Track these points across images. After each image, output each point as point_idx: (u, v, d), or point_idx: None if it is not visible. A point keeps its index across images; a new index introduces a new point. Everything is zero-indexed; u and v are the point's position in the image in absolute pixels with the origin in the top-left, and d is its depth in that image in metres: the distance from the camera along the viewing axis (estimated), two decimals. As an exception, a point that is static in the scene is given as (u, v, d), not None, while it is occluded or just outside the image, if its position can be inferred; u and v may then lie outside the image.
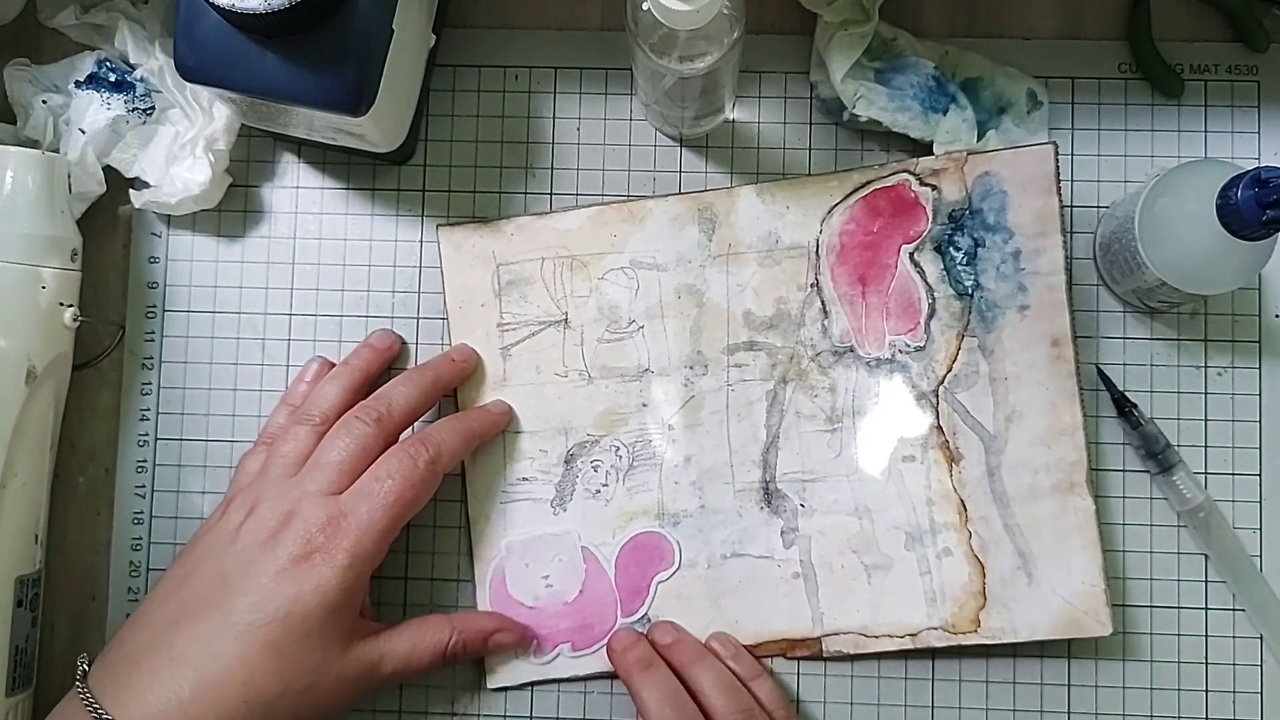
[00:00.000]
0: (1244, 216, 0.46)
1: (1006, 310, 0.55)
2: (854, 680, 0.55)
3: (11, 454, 0.52)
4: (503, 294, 0.56)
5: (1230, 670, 0.55)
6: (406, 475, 0.50)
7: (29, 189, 0.52)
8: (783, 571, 0.55)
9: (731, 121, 0.58)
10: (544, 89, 0.58)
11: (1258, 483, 0.56)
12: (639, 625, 0.55)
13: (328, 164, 0.58)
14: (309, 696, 0.48)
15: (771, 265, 0.56)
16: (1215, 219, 0.47)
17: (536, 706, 0.56)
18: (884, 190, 0.56)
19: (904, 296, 0.56)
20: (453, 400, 0.56)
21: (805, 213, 0.56)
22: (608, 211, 0.56)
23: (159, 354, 0.58)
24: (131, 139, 0.56)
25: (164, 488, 0.58)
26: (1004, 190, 0.55)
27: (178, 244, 0.58)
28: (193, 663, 0.46)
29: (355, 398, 0.53)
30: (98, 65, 0.56)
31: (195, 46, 0.48)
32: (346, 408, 0.52)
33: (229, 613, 0.47)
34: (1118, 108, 0.57)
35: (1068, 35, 0.58)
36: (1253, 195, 0.46)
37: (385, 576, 0.57)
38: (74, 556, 0.58)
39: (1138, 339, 0.56)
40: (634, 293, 0.56)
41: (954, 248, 0.55)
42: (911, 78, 0.55)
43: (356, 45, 0.47)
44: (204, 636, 0.47)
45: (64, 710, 0.48)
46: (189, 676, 0.46)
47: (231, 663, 0.46)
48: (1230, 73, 0.57)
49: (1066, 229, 0.55)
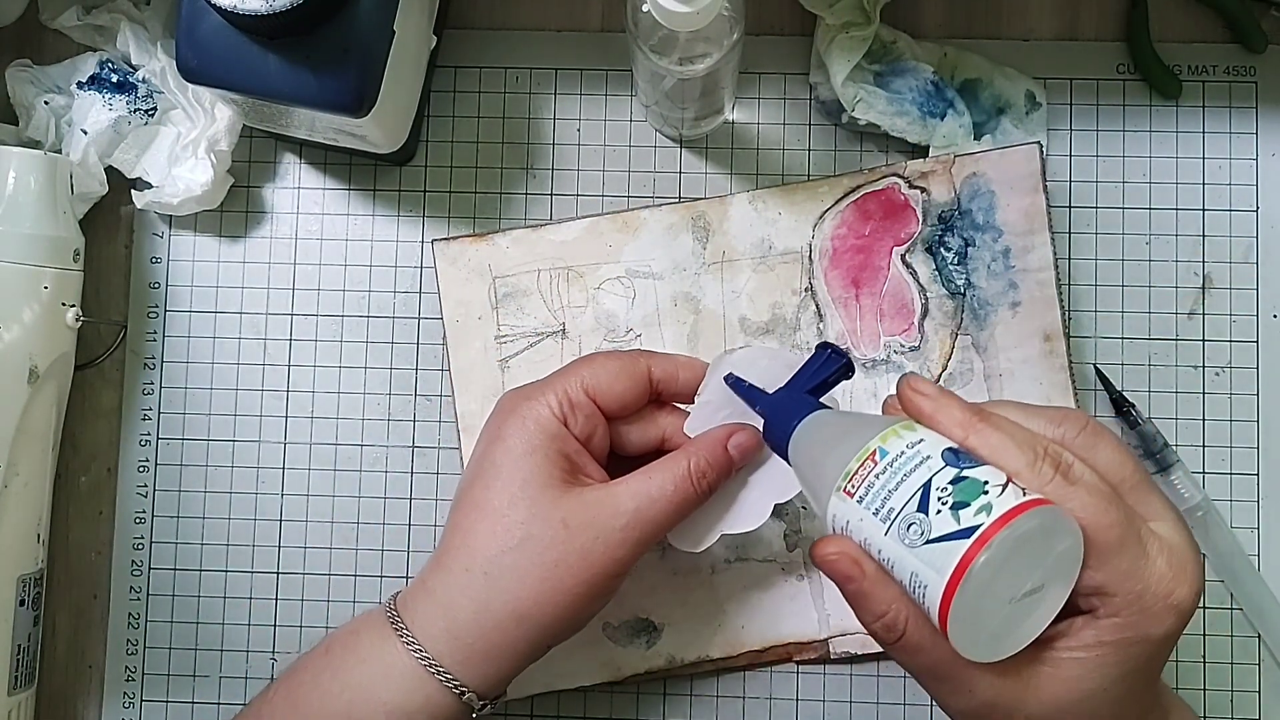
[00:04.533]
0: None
1: (998, 308, 0.55)
2: (853, 679, 0.56)
3: (14, 453, 0.53)
4: (500, 306, 0.57)
5: (1229, 669, 0.55)
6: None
7: (31, 190, 0.52)
8: (787, 575, 0.55)
9: (731, 123, 0.58)
10: (544, 90, 0.58)
11: (1256, 482, 0.56)
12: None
13: (329, 165, 0.59)
14: (530, 551, 0.45)
15: (765, 271, 0.56)
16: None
17: (537, 706, 0.56)
18: (874, 194, 0.56)
19: (897, 298, 0.56)
20: (453, 405, 0.56)
21: (797, 218, 0.56)
22: (602, 222, 0.57)
23: (161, 354, 0.58)
24: (133, 140, 0.56)
25: (165, 487, 0.58)
26: (992, 190, 0.55)
27: (179, 244, 0.58)
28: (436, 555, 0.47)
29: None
30: (100, 66, 0.56)
31: (197, 47, 0.48)
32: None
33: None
34: (1116, 109, 0.57)
35: (1066, 36, 0.58)
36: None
37: (387, 577, 0.57)
38: (76, 555, 0.58)
39: (1136, 338, 0.56)
40: (631, 302, 0.56)
41: (945, 248, 0.56)
42: (910, 81, 0.55)
43: (358, 46, 0.48)
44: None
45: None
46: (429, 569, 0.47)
47: (449, 534, 0.47)
48: (1228, 74, 0.57)
49: (1054, 226, 0.55)
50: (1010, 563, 0.36)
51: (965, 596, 0.36)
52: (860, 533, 0.39)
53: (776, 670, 0.56)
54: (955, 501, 0.37)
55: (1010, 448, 0.39)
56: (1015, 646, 0.38)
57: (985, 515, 0.36)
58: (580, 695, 0.56)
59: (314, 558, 0.57)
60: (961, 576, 0.35)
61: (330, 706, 0.46)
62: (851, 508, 0.39)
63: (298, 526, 0.57)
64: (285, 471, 0.58)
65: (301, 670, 0.47)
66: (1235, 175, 0.57)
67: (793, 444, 0.43)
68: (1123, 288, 0.57)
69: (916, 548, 0.37)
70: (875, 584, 0.39)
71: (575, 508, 0.45)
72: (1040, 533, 0.36)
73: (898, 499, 0.38)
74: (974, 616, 0.36)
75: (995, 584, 0.36)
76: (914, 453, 0.38)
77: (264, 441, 0.58)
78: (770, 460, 0.49)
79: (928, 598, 0.37)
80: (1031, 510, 0.36)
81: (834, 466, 0.40)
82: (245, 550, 0.57)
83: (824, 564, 0.40)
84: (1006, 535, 0.35)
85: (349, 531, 0.57)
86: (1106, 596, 0.38)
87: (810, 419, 0.43)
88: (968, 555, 0.35)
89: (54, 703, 0.57)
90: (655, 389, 0.49)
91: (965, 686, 0.39)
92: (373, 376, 0.58)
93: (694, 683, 0.56)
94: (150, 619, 0.57)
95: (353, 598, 0.57)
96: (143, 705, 0.57)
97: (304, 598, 0.57)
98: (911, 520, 0.37)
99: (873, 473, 0.39)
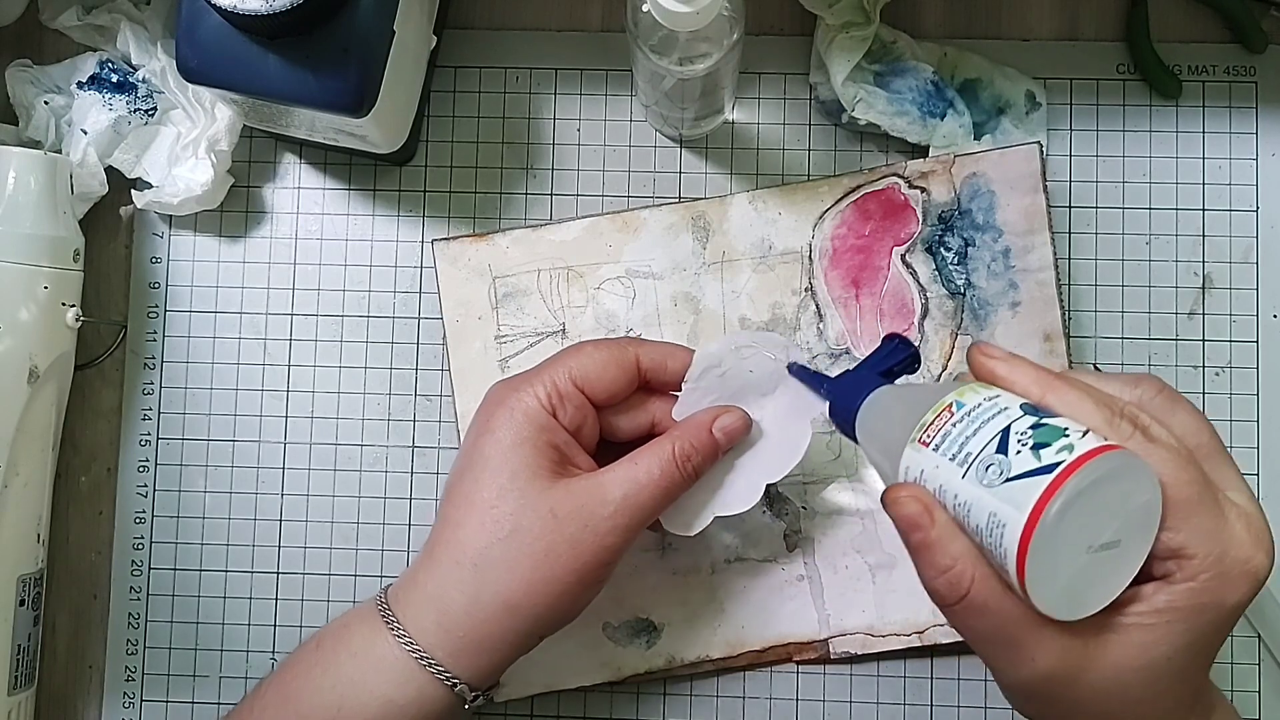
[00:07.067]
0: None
1: (998, 308, 0.55)
2: (853, 679, 0.56)
3: (14, 453, 0.53)
4: (500, 306, 0.57)
5: (1228, 669, 0.55)
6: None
7: (31, 190, 0.52)
8: (787, 575, 0.55)
9: (731, 123, 0.58)
10: (544, 90, 0.58)
11: (1255, 482, 0.56)
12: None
13: (329, 165, 0.59)
14: (519, 542, 0.45)
15: (765, 271, 0.56)
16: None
17: (537, 706, 0.56)
18: (874, 194, 0.56)
19: (897, 298, 0.56)
20: (453, 405, 0.56)
21: (797, 218, 0.56)
22: (602, 222, 0.57)
23: (161, 354, 0.58)
24: (133, 140, 0.56)
25: (166, 487, 0.58)
26: (992, 190, 0.55)
27: (179, 244, 0.58)
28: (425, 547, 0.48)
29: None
30: (100, 66, 0.56)
31: (197, 48, 0.48)
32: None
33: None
34: (1116, 109, 0.58)
35: (1066, 36, 0.58)
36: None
37: (387, 576, 0.57)
38: (76, 555, 0.58)
39: (1136, 338, 0.57)
40: (630, 302, 0.56)
41: (945, 248, 0.56)
42: (910, 81, 0.55)
43: (358, 46, 0.48)
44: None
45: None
46: (422, 562, 0.47)
47: (439, 527, 0.47)
48: (1228, 74, 0.57)
49: (1054, 226, 0.55)
50: (1091, 504, 0.35)
51: (1044, 534, 0.35)
52: (935, 480, 0.38)
53: (776, 670, 0.56)
54: (1036, 442, 0.36)
55: (1088, 405, 0.38)
56: (1088, 608, 0.36)
57: (1068, 453, 0.35)
58: (580, 695, 0.56)
59: (314, 558, 0.57)
60: (1042, 511, 0.34)
61: (322, 700, 0.46)
62: (926, 456, 0.38)
63: (298, 526, 0.57)
64: (285, 471, 0.58)
65: (293, 665, 0.47)
66: (1235, 175, 0.57)
67: (861, 416, 0.43)
68: (1123, 288, 0.57)
69: (995, 487, 0.36)
70: (944, 535, 0.38)
71: (563, 497, 0.45)
72: (1121, 476, 0.35)
73: (976, 443, 0.37)
74: (1052, 561, 0.35)
75: (1075, 525, 0.35)
76: (991, 404, 0.38)
77: (264, 441, 0.58)
78: (761, 441, 0.49)
79: (1005, 538, 0.35)
80: (1114, 452, 0.35)
81: (907, 425, 0.39)
82: (245, 550, 0.57)
83: (892, 507, 0.39)
84: (1089, 471, 0.35)
85: (349, 531, 0.57)
86: (1184, 559, 0.37)
87: (878, 392, 0.43)
88: (1050, 489, 0.35)
89: (54, 703, 0.57)
90: (644, 377, 0.49)
91: (1028, 653, 0.38)
92: (373, 376, 0.58)
93: (694, 683, 0.56)
94: (150, 619, 0.57)
95: (353, 598, 0.57)
96: (143, 705, 0.57)
97: (304, 598, 0.57)
98: (990, 461, 0.36)
99: (949, 422, 0.38)
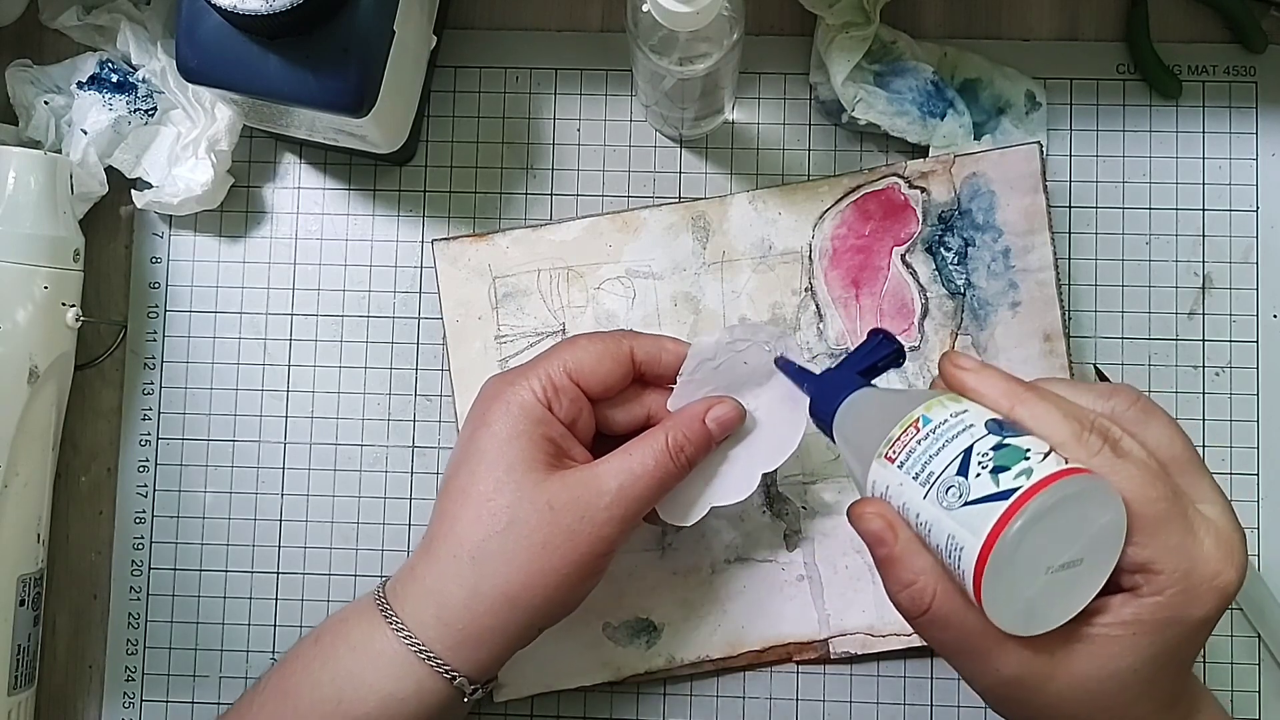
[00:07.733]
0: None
1: (998, 308, 0.55)
2: (853, 679, 0.56)
3: (14, 453, 0.53)
4: (500, 306, 0.57)
5: (1228, 669, 0.55)
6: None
7: (31, 190, 0.52)
8: (787, 575, 0.55)
9: (731, 123, 0.58)
10: (544, 90, 0.58)
11: (1255, 482, 0.56)
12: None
13: (329, 165, 0.59)
14: (516, 535, 0.45)
15: (765, 271, 0.56)
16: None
17: (537, 706, 0.56)
18: (874, 194, 0.56)
19: (897, 298, 0.56)
20: (453, 405, 0.56)
21: (797, 218, 0.56)
22: (602, 222, 0.57)
23: (161, 354, 0.58)
24: (133, 140, 0.56)
25: (166, 487, 0.58)
26: (992, 190, 0.55)
27: (179, 244, 0.58)
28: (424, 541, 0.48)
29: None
30: (100, 66, 0.56)
31: (197, 47, 0.48)
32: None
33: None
34: (1116, 109, 0.58)
35: (1066, 36, 0.58)
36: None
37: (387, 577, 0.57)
38: (76, 555, 0.58)
39: (1136, 338, 0.57)
40: (630, 301, 0.56)
41: (945, 248, 0.56)
42: (910, 81, 0.55)
43: (358, 46, 0.48)
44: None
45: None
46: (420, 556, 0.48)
47: (436, 522, 0.47)
48: (1228, 74, 0.57)
49: (1054, 226, 0.55)
50: (1047, 528, 0.35)
51: (1000, 559, 0.35)
52: (899, 497, 0.39)
53: (776, 670, 0.56)
54: (995, 465, 0.36)
55: (1056, 419, 0.38)
56: (1049, 624, 0.37)
57: (1025, 479, 0.36)
58: (580, 695, 0.56)
59: (314, 558, 0.57)
60: (997, 537, 0.35)
61: (321, 694, 0.46)
62: (892, 473, 0.39)
63: (298, 526, 0.57)
64: (285, 471, 0.58)
65: (292, 660, 0.47)
66: (1235, 175, 0.57)
67: (838, 419, 0.43)
68: (1123, 288, 0.57)
69: (954, 510, 0.37)
70: (906, 551, 0.38)
71: (559, 489, 0.45)
72: (1079, 500, 0.36)
73: (938, 463, 0.37)
74: (1009, 582, 0.36)
75: (1031, 549, 0.35)
76: (957, 421, 0.38)
77: (264, 441, 0.58)
78: (756, 431, 0.49)
79: (963, 561, 0.36)
80: (1071, 477, 0.36)
81: (877, 435, 0.40)
82: (245, 550, 0.57)
83: (858, 522, 0.39)
84: (1044, 499, 0.35)
85: (349, 531, 0.57)
86: (1151, 574, 0.37)
87: (855, 395, 0.43)
88: (1004, 516, 0.35)
89: (54, 703, 0.57)
90: (638, 370, 0.49)
91: (992, 664, 0.38)
92: (373, 376, 0.58)
93: (694, 683, 0.56)
94: (150, 619, 0.57)
95: (353, 598, 0.57)
96: (143, 705, 0.57)
97: (304, 598, 0.57)
98: (951, 483, 0.37)
99: (915, 439, 0.38)
